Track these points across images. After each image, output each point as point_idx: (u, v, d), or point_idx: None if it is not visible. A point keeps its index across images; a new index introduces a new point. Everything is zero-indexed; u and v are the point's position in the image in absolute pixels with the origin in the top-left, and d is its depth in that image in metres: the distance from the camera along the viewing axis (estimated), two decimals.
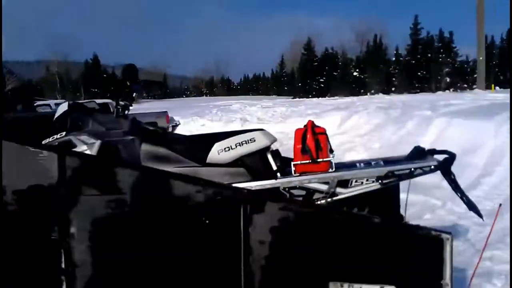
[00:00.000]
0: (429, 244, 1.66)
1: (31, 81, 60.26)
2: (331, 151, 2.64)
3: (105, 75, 58.93)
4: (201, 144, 2.55)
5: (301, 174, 2.46)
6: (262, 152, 2.52)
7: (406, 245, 1.68)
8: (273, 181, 2.43)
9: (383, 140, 7.81)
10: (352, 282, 1.66)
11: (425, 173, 2.34)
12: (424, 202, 5.19)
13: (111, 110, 13.80)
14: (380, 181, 2.33)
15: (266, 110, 14.68)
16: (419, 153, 2.50)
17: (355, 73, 44.06)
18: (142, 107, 20.23)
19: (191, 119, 15.14)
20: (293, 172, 2.48)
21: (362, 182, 2.35)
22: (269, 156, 2.53)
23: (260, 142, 2.50)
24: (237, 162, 2.51)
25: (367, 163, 2.51)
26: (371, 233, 1.68)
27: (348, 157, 7.50)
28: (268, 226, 1.67)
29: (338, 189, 2.38)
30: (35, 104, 16.12)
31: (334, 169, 2.43)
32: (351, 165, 2.57)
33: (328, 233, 1.69)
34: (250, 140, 2.49)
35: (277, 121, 12.61)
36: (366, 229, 1.68)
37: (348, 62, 47.21)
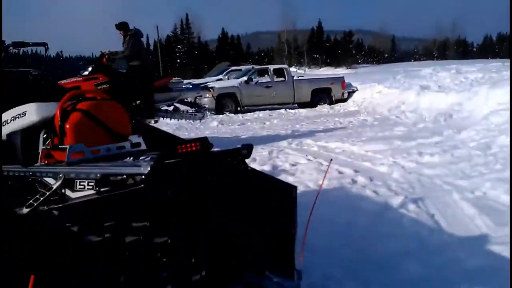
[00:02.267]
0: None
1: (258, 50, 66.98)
2: (118, 136, 1.93)
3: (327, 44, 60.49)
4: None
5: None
6: (33, 130, 2.01)
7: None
8: (22, 168, 1.93)
9: None
10: None
11: (136, 184, 1.50)
12: None
13: (285, 75, 14.16)
14: (98, 188, 1.59)
15: (457, 76, 12.47)
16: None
17: None
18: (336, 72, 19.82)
19: (369, 85, 14.27)
20: (39, 159, 1.91)
21: (84, 186, 1.65)
22: (41, 136, 1.99)
23: (29, 117, 2.00)
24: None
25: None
26: None
27: (498, 142, 5.77)
28: None
29: (68, 191, 1.69)
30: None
31: (65, 162, 1.74)
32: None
33: None
34: (22, 114, 2.02)
35: (458, 90, 10.57)
36: None
37: None
